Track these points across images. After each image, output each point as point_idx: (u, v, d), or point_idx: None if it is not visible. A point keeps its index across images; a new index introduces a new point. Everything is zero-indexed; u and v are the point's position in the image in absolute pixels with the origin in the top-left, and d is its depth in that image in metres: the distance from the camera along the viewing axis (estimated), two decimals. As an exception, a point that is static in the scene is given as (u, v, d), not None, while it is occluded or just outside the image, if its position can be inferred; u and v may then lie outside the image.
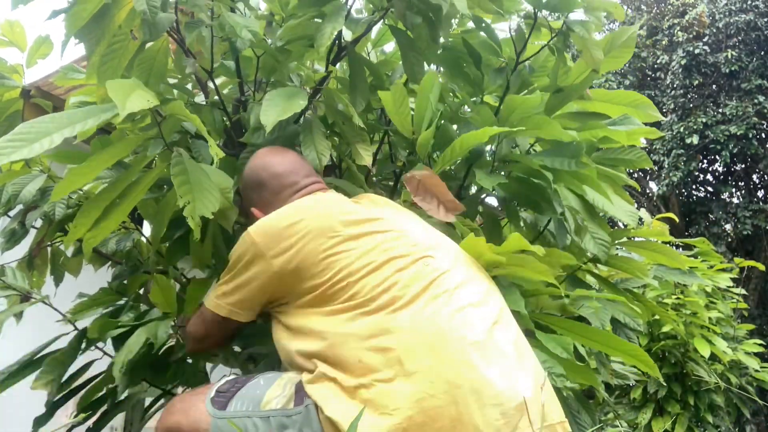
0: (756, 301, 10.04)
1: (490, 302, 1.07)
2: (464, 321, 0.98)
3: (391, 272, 1.04)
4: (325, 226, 1.11)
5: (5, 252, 1.69)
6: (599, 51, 1.53)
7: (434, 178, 1.37)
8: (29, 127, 1.07)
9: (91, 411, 1.65)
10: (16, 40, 1.62)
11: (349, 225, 1.12)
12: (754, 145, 10.02)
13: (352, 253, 1.07)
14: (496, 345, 0.98)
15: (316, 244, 1.09)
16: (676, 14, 10.91)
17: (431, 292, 1.01)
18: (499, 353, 0.97)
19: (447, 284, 1.04)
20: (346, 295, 1.03)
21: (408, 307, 0.99)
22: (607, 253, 1.63)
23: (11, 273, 1.57)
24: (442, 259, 1.10)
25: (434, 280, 1.03)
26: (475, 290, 1.07)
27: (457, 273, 1.08)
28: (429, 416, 0.88)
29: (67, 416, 2.22)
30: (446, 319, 0.98)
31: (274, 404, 1.00)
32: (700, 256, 3.47)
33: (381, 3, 1.47)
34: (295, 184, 1.29)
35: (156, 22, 1.25)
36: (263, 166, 1.32)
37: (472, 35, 1.70)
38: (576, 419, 1.72)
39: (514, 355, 0.99)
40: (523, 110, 1.47)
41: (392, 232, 1.13)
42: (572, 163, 1.45)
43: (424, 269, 1.05)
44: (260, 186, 1.31)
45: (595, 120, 1.65)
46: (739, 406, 3.84)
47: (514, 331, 1.06)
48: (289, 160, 1.33)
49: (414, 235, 1.14)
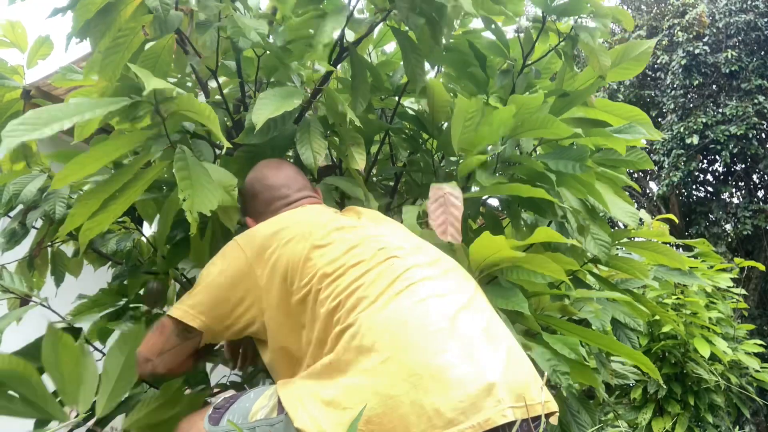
0: (756, 301, 10.04)
1: (459, 292, 1.07)
2: (426, 311, 0.99)
3: (358, 274, 1.07)
4: (305, 231, 1.16)
5: (5, 252, 1.69)
6: (606, 57, 1.53)
7: (459, 201, 1.35)
8: (39, 113, 1.08)
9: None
10: (16, 41, 1.62)
11: (327, 233, 1.16)
12: (754, 145, 10.03)
13: (325, 258, 1.10)
14: (459, 331, 0.97)
15: (297, 249, 1.13)
16: (676, 14, 10.91)
17: (394, 288, 1.03)
18: (463, 339, 0.97)
19: (411, 279, 1.05)
20: (319, 299, 1.06)
21: (372, 306, 1.01)
22: (607, 253, 1.63)
23: (8, 276, 1.57)
24: (408, 258, 1.11)
25: (398, 277, 1.05)
26: (442, 284, 1.08)
27: (426, 269, 1.09)
28: (389, 406, 0.89)
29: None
30: (407, 310, 0.99)
31: (260, 415, 1.04)
32: (700, 257, 3.47)
33: (383, 4, 1.47)
34: (287, 197, 1.34)
35: (167, 19, 1.26)
36: (258, 178, 1.38)
37: (475, 36, 1.70)
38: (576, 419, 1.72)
39: (482, 339, 0.99)
40: (527, 109, 1.47)
41: (366, 238, 1.16)
42: (576, 166, 1.45)
43: (389, 269, 1.07)
44: (254, 197, 1.37)
45: (598, 127, 1.65)
46: (739, 406, 3.84)
47: (485, 317, 1.05)
48: (284, 174, 1.38)
49: (387, 240, 1.16)
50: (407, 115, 1.80)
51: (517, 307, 1.26)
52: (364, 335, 0.97)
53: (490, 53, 1.69)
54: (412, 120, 1.79)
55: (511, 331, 1.15)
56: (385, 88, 1.75)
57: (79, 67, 1.74)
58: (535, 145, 1.72)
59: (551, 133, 1.49)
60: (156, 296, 1.68)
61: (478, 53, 1.65)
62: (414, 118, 1.78)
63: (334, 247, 1.12)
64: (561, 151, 1.51)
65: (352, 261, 1.09)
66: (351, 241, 1.14)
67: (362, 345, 0.96)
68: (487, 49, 1.68)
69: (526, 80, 1.64)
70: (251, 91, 1.63)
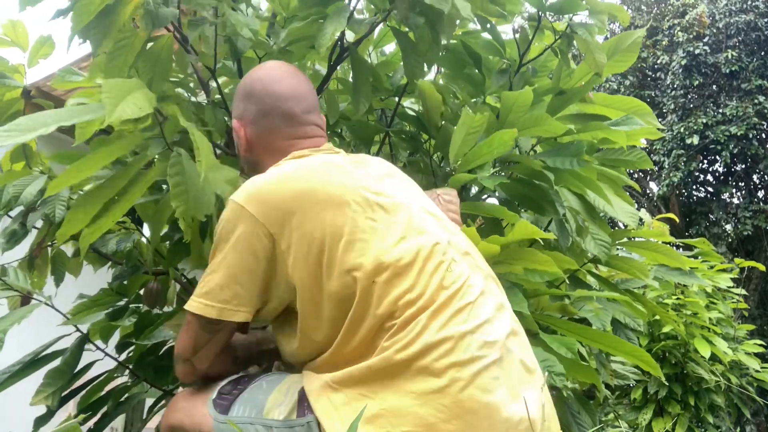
0: (756, 301, 10.04)
1: (500, 311, 0.99)
2: (484, 342, 0.91)
3: (415, 276, 0.93)
4: (339, 199, 0.97)
5: (5, 252, 1.69)
6: (602, 54, 1.52)
7: (455, 199, 1.34)
8: (27, 119, 1.09)
9: (91, 411, 1.65)
10: (18, 40, 1.62)
11: (368, 205, 0.98)
12: (755, 145, 10.03)
13: (374, 247, 0.94)
14: (509, 366, 0.93)
15: (336, 222, 0.95)
16: (676, 14, 10.91)
17: (454, 306, 0.92)
18: (511, 373, 0.92)
19: (468, 296, 0.95)
20: (369, 299, 0.92)
21: (434, 322, 0.90)
22: (607, 253, 1.63)
23: (13, 273, 1.57)
24: (456, 255, 1.00)
25: (456, 292, 0.94)
26: (491, 301, 0.99)
27: (473, 277, 0.99)
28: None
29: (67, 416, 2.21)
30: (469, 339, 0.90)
31: (277, 414, 0.93)
32: (701, 257, 3.47)
33: (383, 4, 1.47)
34: (291, 118, 1.12)
35: (159, 13, 1.24)
36: (262, 77, 1.16)
37: (473, 36, 1.70)
38: (576, 419, 1.72)
39: (523, 369, 0.95)
40: (520, 107, 1.47)
41: (410, 221, 0.99)
42: (574, 161, 1.45)
43: (447, 276, 0.95)
44: (249, 97, 1.15)
45: (596, 122, 1.65)
46: (740, 406, 3.84)
47: (524, 340, 1.01)
48: (293, 83, 1.16)
49: (431, 228, 1.01)
50: (407, 115, 1.80)
51: (517, 307, 1.26)
52: (422, 352, 0.87)
53: (486, 53, 1.69)
54: (412, 120, 1.80)
55: None
56: (385, 88, 1.75)
57: (79, 68, 1.74)
58: (533, 143, 1.73)
59: (546, 131, 1.49)
60: (156, 296, 1.68)
61: (472, 53, 1.65)
62: (414, 119, 1.78)
63: (383, 233, 0.96)
64: (559, 148, 1.51)
65: (406, 258, 0.94)
66: (397, 224, 0.98)
67: (419, 364, 0.86)
68: (483, 48, 1.68)
69: (523, 79, 1.64)
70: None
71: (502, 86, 1.64)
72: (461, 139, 1.42)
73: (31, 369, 1.55)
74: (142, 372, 1.69)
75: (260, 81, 1.16)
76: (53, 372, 1.51)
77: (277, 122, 1.13)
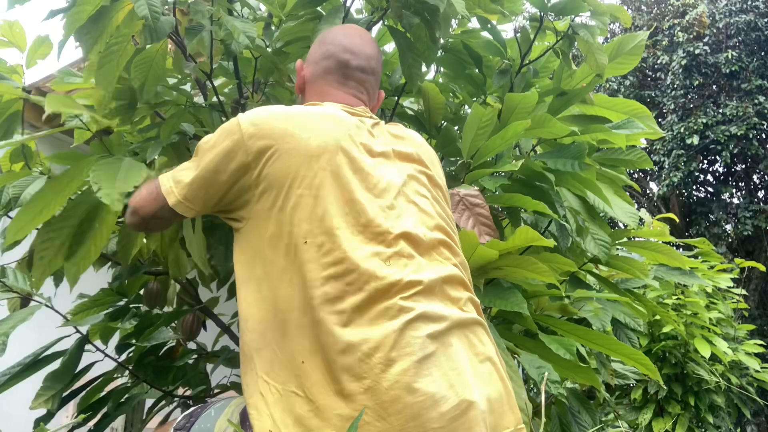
0: (756, 301, 10.03)
1: (456, 303, 0.98)
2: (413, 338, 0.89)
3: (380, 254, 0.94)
4: (328, 149, 0.99)
5: (5, 252, 1.69)
6: (604, 56, 1.52)
7: (480, 199, 1.32)
8: None
9: (91, 412, 1.65)
10: (15, 41, 1.62)
11: (357, 168, 1.00)
12: (755, 145, 10.02)
13: (353, 213, 0.96)
14: (449, 355, 0.90)
15: (318, 173, 0.97)
16: (676, 14, 10.91)
17: (385, 301, 0.91)
18: (450, 364, 0.90)
19: (413, 307, 0.91)
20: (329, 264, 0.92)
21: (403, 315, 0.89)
22: (607, 253, 1.63)
23: (12, 274, 1.57)
24: (417, 255, 0.98)
25: (395, 283, 0.93)
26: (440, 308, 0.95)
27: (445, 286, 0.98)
28: None
29: (67, 417, 2.21)
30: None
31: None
32: (701, 257, 3.47)
33: (380, 3, 1.47)
34: (344, 68, 1.17)
35: (157, 27, 1.24)
36: (338, 30, 1.24)
37: (473, 36, 1.70)
38: (576, 419, 1.72)
39: (468, 361, 0.93)
40: (523, 107, 1.47)
41: (397, 200, 1.01)
42: (575, 164, 1.45)
43: (392, 263, 0.94)
44: (321, 43, 1.22)
45: (596, 124, 1.65)
46: (740, 406, 3.84)
47: (477, 331, 0.98)
48: (360, 42, 1.20)
49: (404, 211, 1.02)
50: (406, 115, 1.80)
51: (516, 308, 1.26)
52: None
53: (487, 53, 1.68)
54: (411, 120, 1.79)
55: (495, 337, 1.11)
56: (383, 88, 1.75)
57: (79, 69, 1.74)
58: (534, 144, 1.72)
59: (548, 132, 1.49)
60: (156, 296, 1.68)
61: (473, 53, 1.65)
62: (413, 119, 1.78)
63: (336, 198, 0.96)
64: (559, 150, 1.51)
65: (379, 233, 0.95)
66: (362, 196, 0.98)
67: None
68: (484, 48, 1.68)
69: (524, 80, 1.64)
70: (249, 92, 1.63)
71: (502, 87, 1.64)
72: (473, 133, 1.42)
73: (32, 370, 1.55)
74: (142, 373, 1.69)
75: (334, 32, 1.23)
76: (52, 375, 1.51)
77: (332, 67, 1.17)
